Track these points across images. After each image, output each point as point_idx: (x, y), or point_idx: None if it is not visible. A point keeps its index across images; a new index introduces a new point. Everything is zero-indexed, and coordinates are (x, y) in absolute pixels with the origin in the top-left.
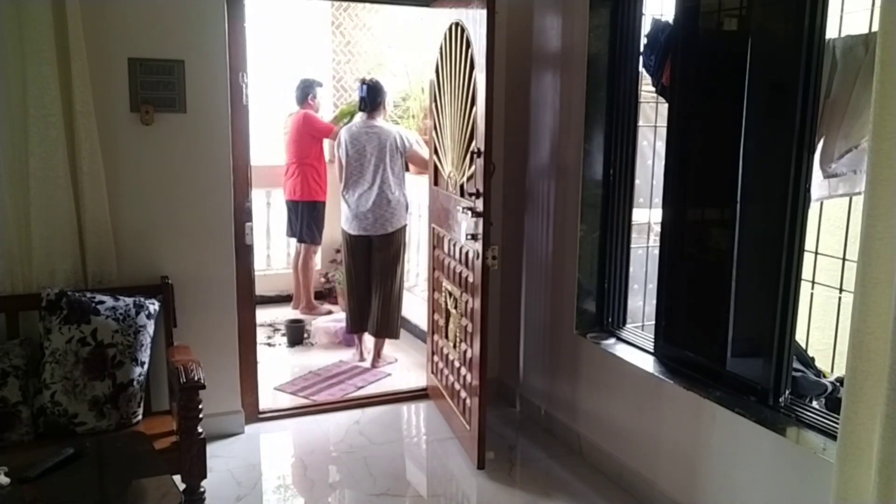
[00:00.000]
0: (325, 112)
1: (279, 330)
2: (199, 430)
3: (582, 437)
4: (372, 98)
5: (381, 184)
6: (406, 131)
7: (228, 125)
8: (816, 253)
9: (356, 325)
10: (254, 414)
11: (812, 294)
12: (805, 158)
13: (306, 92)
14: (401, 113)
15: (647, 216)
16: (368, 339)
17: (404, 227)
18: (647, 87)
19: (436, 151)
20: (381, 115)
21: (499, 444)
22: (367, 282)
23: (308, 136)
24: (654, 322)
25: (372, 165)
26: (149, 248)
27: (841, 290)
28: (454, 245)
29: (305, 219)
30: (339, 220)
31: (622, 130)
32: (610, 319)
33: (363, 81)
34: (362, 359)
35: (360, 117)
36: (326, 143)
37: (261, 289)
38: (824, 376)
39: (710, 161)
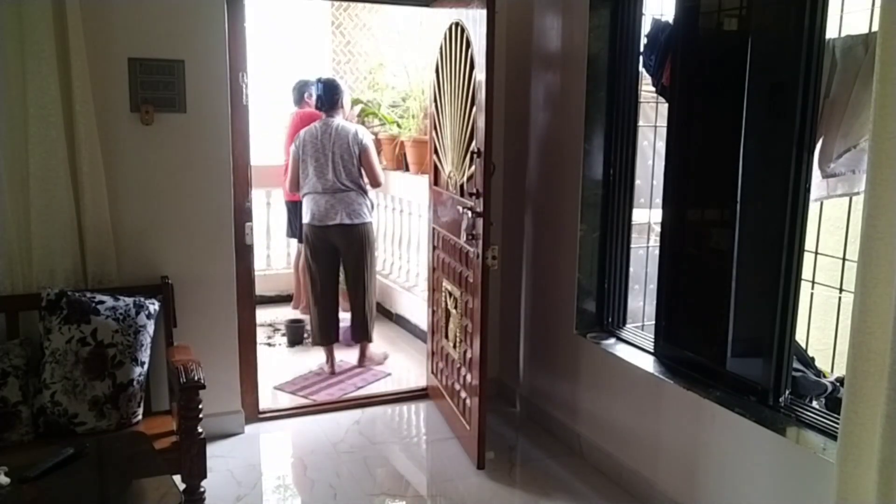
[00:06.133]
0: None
1: (279, 330)
2: (199, 430)
3: (582, 437)
4: (329, 97)
5: (339, 181)
6: (364, 130)
7: (228, 125)
8: (816, 253)
9: (324, 337)
10: (254, 414)
11: (812, 294)
12: (805, 158)
13: (303, 91)
14: (401, 113)
15: (648, 216)
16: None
17: (368, 223)
18: (647, 87)
19: (436, 151)
20: (339, 113)
21: (499, 444)
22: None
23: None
24: (654, 322)
25: (331, 163)
26: (149, 248)
27: (841, 290)
28: (454, 245)
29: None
30: None
31: (622, 130)
32: (610, 319)
33: (319, 80)
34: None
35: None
36: None
37: (261, 289)
38: (824, 376)
39: (711, 161)
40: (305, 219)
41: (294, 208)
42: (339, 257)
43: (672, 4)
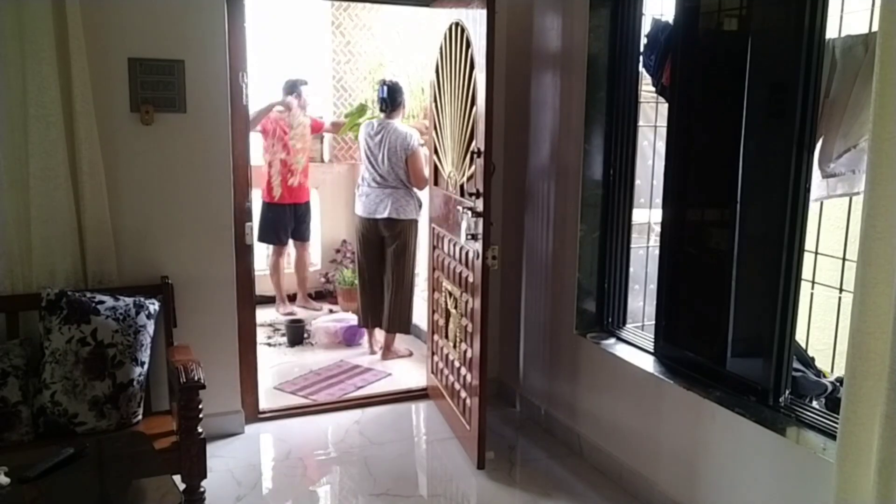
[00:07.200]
0: (316, 110)
1: (279, 330)
2: (199, 430)
3: (582, 437)
4: (392, 98)
5: (388, 179)
6: (414, 135)
7: (228, 125)
8: (816, 253)
9: (366, 320)
10: (254, 414)
11: (812, 294)
12: (805, 158)
13: (290, 91)
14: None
15: (648, 216)
16: (379, 332)
17: (413, 221)
18: (647, 87)
19: (436, 151)
20: (399, 115)
21: (499, 444)
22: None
23: (276, 131)
24: (654, 322)
25: (380, 162)
26: (149, 248)
27: (841, 290)
28: (454, 245)
29: (259, 219)
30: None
31: (622, 130)
32: (610, 319)
33: (383, 82)
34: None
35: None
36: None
37: (261, 289)
38: (824, 376)
39: (711, 161)
40: (358, 211)
41: (271, 211)
42: (384, 248)
43: (672, 4)
